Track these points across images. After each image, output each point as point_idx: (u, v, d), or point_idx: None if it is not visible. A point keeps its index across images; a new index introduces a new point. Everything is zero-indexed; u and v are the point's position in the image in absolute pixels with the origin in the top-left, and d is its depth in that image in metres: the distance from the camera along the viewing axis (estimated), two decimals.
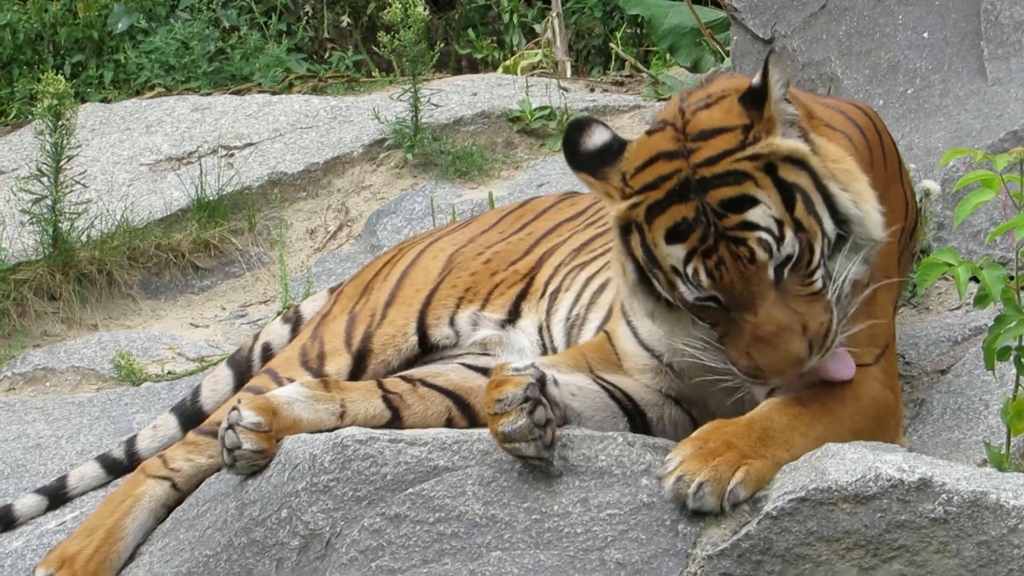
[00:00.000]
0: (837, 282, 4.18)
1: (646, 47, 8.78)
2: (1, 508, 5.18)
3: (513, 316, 5.00)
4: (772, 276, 4.11)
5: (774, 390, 4.24)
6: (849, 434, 4.16)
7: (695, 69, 8.04)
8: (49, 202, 6.51)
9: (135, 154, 7.48)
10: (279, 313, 5.99)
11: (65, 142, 6.45)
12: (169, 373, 6.17)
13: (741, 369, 4.16)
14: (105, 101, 8.40)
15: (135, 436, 5.31)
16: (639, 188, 4.21)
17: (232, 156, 7.37)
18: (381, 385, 4.83)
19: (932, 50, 5.94)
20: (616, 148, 4.28)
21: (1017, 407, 4.19)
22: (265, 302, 6.72)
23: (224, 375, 5.43)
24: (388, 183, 7.19)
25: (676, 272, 4.17)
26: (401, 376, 4.91)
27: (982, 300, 4.24)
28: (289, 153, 7.33)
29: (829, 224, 4.17)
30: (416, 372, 4.92)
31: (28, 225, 6.59)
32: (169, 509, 4.85)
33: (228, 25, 9.06)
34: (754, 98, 4.17)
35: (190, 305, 6.77)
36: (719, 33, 7.95)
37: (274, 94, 8.11)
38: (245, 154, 7.37)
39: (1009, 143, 5.34)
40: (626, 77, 8.35)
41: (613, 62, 8.67)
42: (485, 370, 4.83)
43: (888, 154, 4.66)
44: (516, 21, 9.18)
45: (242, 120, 7.64)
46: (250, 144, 7.45)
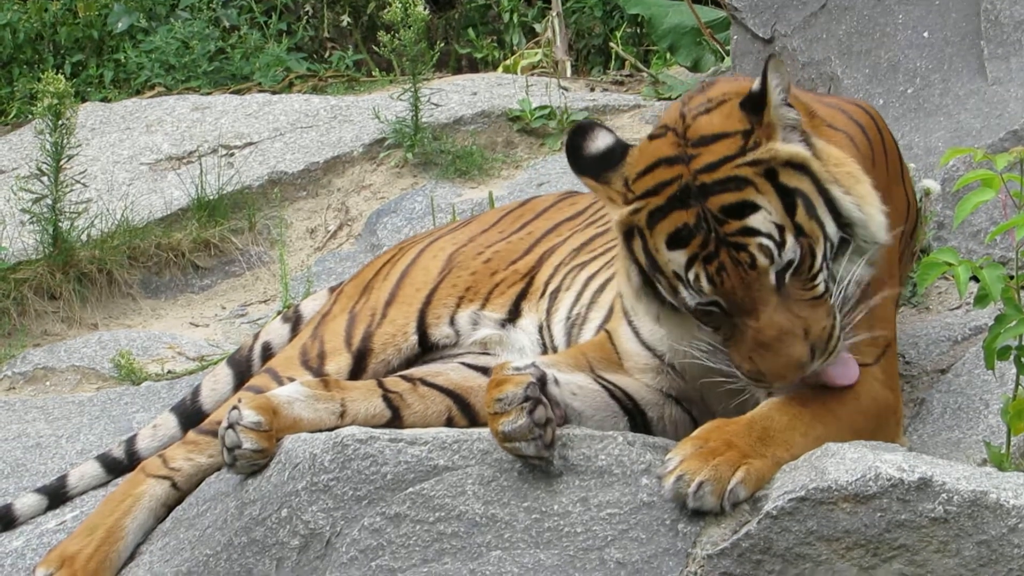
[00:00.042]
0: (841, 285, 4.18)
1: (646, 46, 8.77)
2: (1, 507, 5.17)
3: (513, 315, 5.00)
4: (773, 281, 4.11)
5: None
6: (849, 433, 4.15)
7: (695, 68, 8.04)
8: (49, 201, 6.51)
9: (135, 153, 7.47)
10: (279, 312, 5.98)
11: (65, 141, 6.45)
12: (169, 372, 6.16)
13: (744, 373, 4.16)
14: (105, 100, 8.40)
15: (135, 435, 5.31)
16: (641, 193, 4.21)
17: (232, 155, 7.37)
18: (381, 384, 4.82)
19: (932, 49, 5.94)
20: (619, 152, 4.28)
21: (1017, 406, 4.19)
22: (265, 301, 6.72)
23: (224, 374, 5.43)
24: (388, 182, 7.19)
25: (678, 277, 4.17)
26: (401, 375, 4.91)
27: (982, 299, 4.23)
28: (289, 152, 7.32)
29: (832, 228, 4.17)
30: (416, 371, 4.92)
31: (28, 224, 6.58)
32: (169, 508, 4.85)
33: (228, 24, 9.06)
34: (754, 103, 4.16)
35: (190, 304, 6.77)
36: (719, 32, 7.95)
37: (274, 93, 8.10)
38: (245, 153, 7.37)
39: (1009, 142, 5.34)
40: (626, 76, 8.35)
41: (613, 61, 8.67)
42: (485, 369, 4.82)
43: (890, 154, 4.66)
44: (516, 20, 9.18)
45: (242, 119, 7.64)
46: (250, 143, 7.44)
